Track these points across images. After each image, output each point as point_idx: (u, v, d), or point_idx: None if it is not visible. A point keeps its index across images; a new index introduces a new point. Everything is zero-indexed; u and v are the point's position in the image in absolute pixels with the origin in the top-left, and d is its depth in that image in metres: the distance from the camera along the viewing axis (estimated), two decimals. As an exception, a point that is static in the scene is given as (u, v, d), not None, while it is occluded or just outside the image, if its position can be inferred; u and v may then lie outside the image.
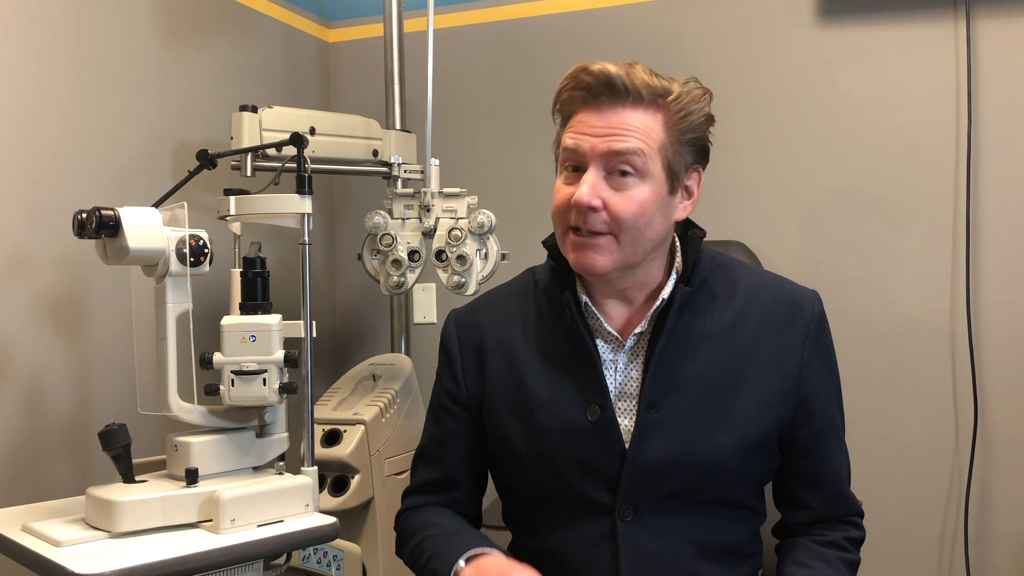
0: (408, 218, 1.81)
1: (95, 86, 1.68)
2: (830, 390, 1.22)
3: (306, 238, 1.27)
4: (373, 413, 1.75)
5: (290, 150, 1.31)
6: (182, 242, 1.20)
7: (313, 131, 1.79)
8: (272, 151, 1.65)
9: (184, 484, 1.18)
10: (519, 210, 2.15)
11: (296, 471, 1.26)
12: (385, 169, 1.95)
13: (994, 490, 1.90)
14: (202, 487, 1.17)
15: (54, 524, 1.16)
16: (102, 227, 1.15)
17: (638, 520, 1.13)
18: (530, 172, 2.19)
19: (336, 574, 1.69)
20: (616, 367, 1.18)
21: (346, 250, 2.42)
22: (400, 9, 2.05)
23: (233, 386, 1.22)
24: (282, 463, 1.29)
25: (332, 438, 1.73)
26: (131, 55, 1.76)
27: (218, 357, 1.23)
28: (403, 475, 1.79)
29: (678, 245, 1.22)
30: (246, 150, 1.68)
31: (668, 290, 1.17)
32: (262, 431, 1.28)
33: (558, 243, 1.19)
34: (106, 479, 1.22)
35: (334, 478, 1.73)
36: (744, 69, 2.07)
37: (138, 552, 1.06)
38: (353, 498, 1.71)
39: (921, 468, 1.94)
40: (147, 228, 1.18)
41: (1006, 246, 1.89)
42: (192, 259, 1.21)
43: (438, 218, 1.78)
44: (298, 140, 1.30)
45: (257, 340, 1.22)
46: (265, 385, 1.22)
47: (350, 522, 1.74)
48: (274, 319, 1.24)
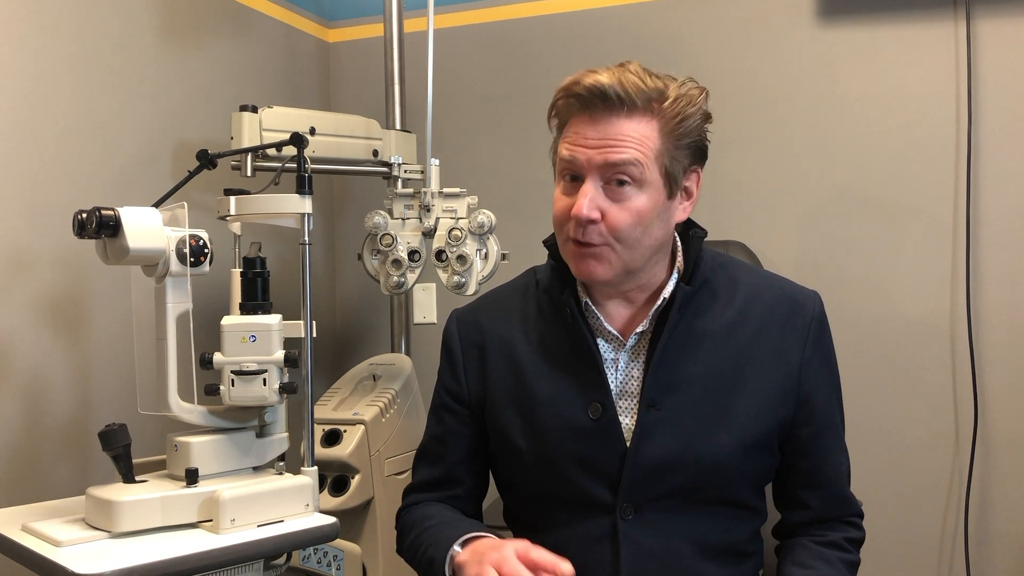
0: (408, 218, 1.81)
1: (95, 86, 1.68)
2: (830, 390, 1.22)
3: (306, 238, 1.27)
4: (373, 413, 1.75)
5: (290, 150, 1.30)
6: (182, 242, 1.20)
7: (313, 131, 1.79)
8: (272, 151, 1.65)
9: (184, 484, 1.18)
10: (519, 210, 2.15)
11: (296, 471, 1.26)
12: (385, 169, 1.95)
13: (994, 490, 1.90)
14: (202, 487, 1.17)
15: (54, 524, 1.16)
16: (102, 227, 1.15)
17: (639, 519, 1.13)
18: (530, 172, 2.19)
19: (336, 574, 1.69)
20: (617, 366, 1.18)
21: (346, 250, 2.42)
22: (400, 9, 2.05)
23: (233, 386, 1.22)
24: (282, 463, 1.29)
25: (332, 438, 1.73)
26: (131, 55, 1.76)
27: (218, 357, 1.23)
28: (403, 475, 1.79)
29: (679, 245, 1.22)
30: (246, 150, 1.68)
31: (669, 289, 1.17)
32: (262, 431, 1.28)
33: (560, 250, 1.19)
34: (106, 479, 1.22)
35: (334, 478, 1.73)
36: (744, 69, 2.07)
37: (138, 552, 1.06)
38: (353, 498, 1.71)
39: (921, 468, 1.95)
40: (147, 228, 1.18)
41: (1006, 246, 1.89)
42: (192, 259, 1.21)
43: (438, 218, 1.78)
44: (298, 140, 1.30)
45: (257, 340, 1.22)
46: (265, 385, 1.22)
47: (350, 522, 1.74)
48: (274, 319, 1.24)
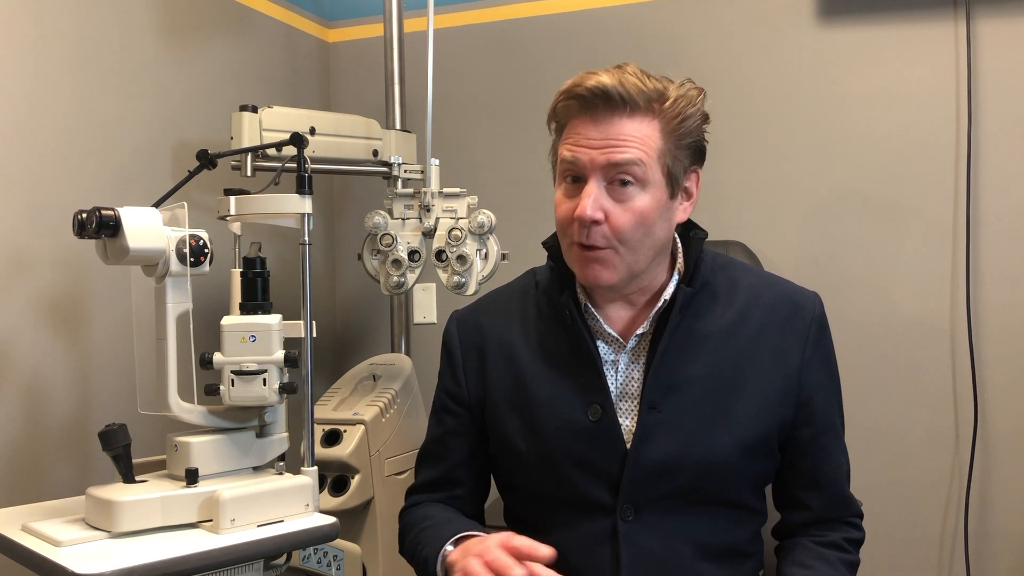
0: (408, 218, 1.81)
1: (95, 86, 1.68)
2: (830, 391, 1.21)
3: (306, 238, 1.27)
4: (373, 413, 1.75)
5: (290, 150, 1.30)
6: (182, 242, 1.20)
7: (313, 131, 1.79)
8: (272, 151, 1.65)
9: (184, 484, 1.18)
10: (519, 210, 2.15)
11: (296, 471, 1.26)
12: (385, 169, 1.95)
13: (994, 489, 1.90)
14: (202, 487, 1.17)
15: (54, 524, 1.16)
16: (102, 227, 1.15)
17: (639, 520, 1.13)
18: (530, 172, 2.19)
19: (336, 574, 1.69)
20: (617, 368, 1.18)
21: (346, 250, 2.42)
22: (400, 9, 2.05)
23: (233, 386, 1.22)
24: (282, 463, 1.29)
25: (332, 438, 1.73)
26: (131, 55, 1.76)
27: (218, 357, 1.23)
28: (403, 475, 1.79)
29: (679, 246, 1.22)
30: (246, 150, 1.68)
31: (670, 291, 1.17)
32: (262, 431, 1.28)
33: (563, 255, 1.19)
34: (106, 479, 1.22)
35: (334, 478, 1.73)
36: (744, 69, 2.07)
37: (138, 552, 1.06)
38: (353, 498, 1.71)
39: (921, 467, 1.95)
40: (147, 228, 1.18)
41: (1006, 246, 1.89)
42: (192, 259, 1.20)
43: (438, 218, 1.78)
44: (298, 140, 1.30)
45: (257, 340, 1.22)
46: (265, 385, 1.22)
47: (350, 522, 1.74)
48: (274, 319, 1.24)
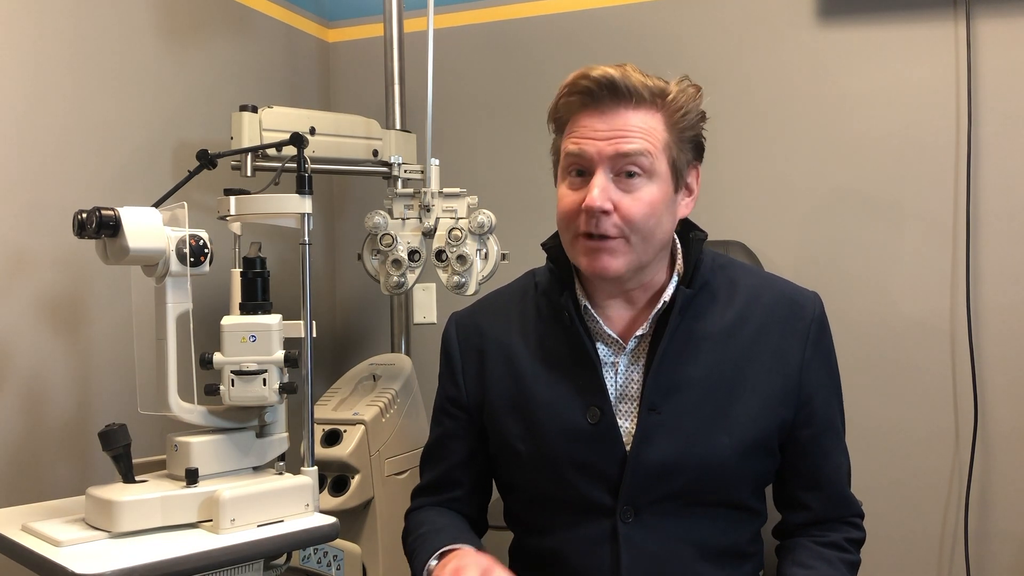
0: (408, 218, 1.81)
1: (95, 86, 1.68)
2: (831, 391, 1.21)
3: (306, 238, 1.27)
4: (373, 413, 1.75)
5: (290, 150, 1.31)
6: (182, 242, 1.20)
7: (313, 131, 1.79)
8: (272, 151, 1.65)
9: (184, 484, 1.18)
10: (519, 210, 2.15)
11: (296, 471, 1.26)
12: (385, 169, 1.95)
13: (994, 489, 1.90)
14: (202, 487, 1.17)
15: (54, 524, 1.16)
16: (102, 227, 1.15)
17: (639, 521, 1.13)
18: (530, 172, 2.19)
19: (336, 574, 1.69)
20: (617, 369, 1.18)
21: (346, 250, 2.42)
22: (400, 9, 2.05)
23: (233, 386, 1.22)
24: (282, 463, 1.29)
25: (332, 438, 1.73)
26: (131, 55, 1.76)
27: (218, 357, 1.23)
28: (403, 475, 1.79)
29: (679, 247, 1.22)
30: (246, 150, 1.68)
31: (670, 292, 1.17)
32: (262, 431, 1.28)
33: (566, 249, 1.18)
34: (106, 479, 1.22)
35: (334, 478, 1.73)
36: (744, 69, 2.07)
37: (138, 552, 1.06)
38: (353, 498, 1.71)
39: (921, 467, 1.94)
40: (147, 228, 1.18)
41: (1006, 246, 1.89)
42: (192, 259, 1.21)
43: (438, 218, 1.78)
44: (298, 140, 1.30)
45: (257, 340, 1.22)
46: (265, 385, 1.22)
47: (350, 522, 1.74)
48: (274, 319, 1.24)
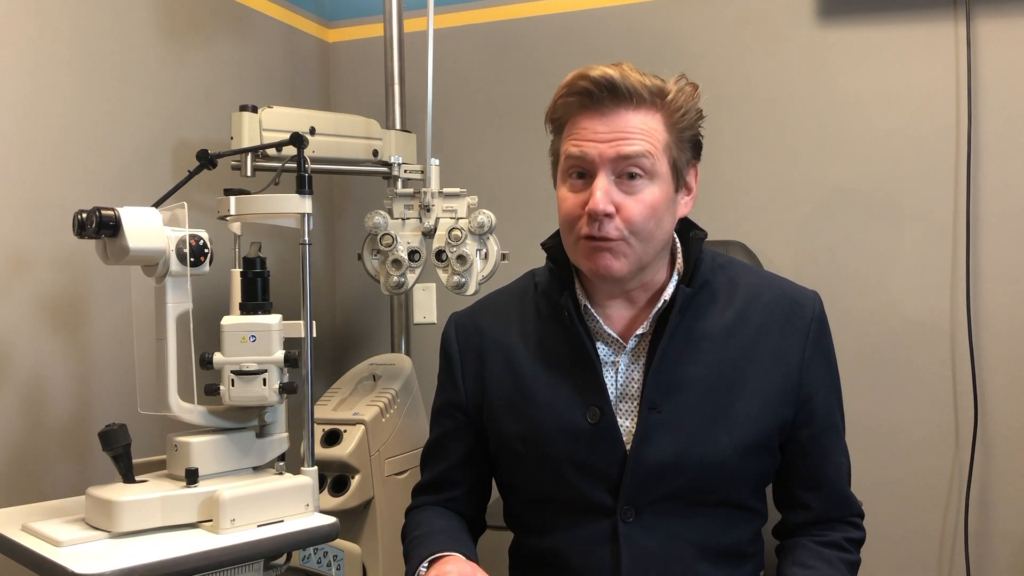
0: (408, 218, 1.81)
1: (95, 86, 1.68)
2: (830, 390, 1.21)
3: (306, 238, 1.27)
4: (373, 413, 1.75)
5: (290, 150, 1.31)
6: (182, 242, 1.20)
7: (313, 131, 1.79)
8: (272, 151, 1.65)
9: (184, 484, 1.18)
10: (519, 210, 2.15)
11: (296, 471, 1.26)
12: (385, 169, 1.95)
13: (994, 489, 1.90)
14: (202, 487, 1.17)
15: (54, 524, 1.16)
16: (102, 227, 1.15)
17: (639, 521, 1.13)
18: (530, 172, 2.19)
19: (336, 574, 1.69)
20: (617, 369, 1.18)
21: (346, 250, 2.42)
22: (400, 9, 2.05)
23: (233, 386, 1.22)
24: (282, 463, 1.29)
25: (332, 438, 1.73)
26: (131, 55, 1.76)
27: (218, 357, 1.23)
28: (403, 475, 1.79)
29: (679, 246, 1.22)
30: (246, 150, 1.68)
31: (670, 291, 1.17)
32: (262, 431, 1.28)
33: (568, 252, 1.18)
34: (106, 479, 1.22)
35: (334, 478, 1.73)
36: (744, 69, 2.07)
37: (138, 552, 1.06)
38: (353, 498, 1.71)
39: (921, 467, 1.94)
40: (147, 228, 1.18)
41: (1006, 246, 1.89)
42: (192, 259, 1.21)
43: (438, 218, 1.78)
44: (298, 140, 1.30)
45: (257, 340, 1.22)
46: (265, 385, 1.22)
47: (350, 522, 1.74)
48: (274, 319, 1.24)
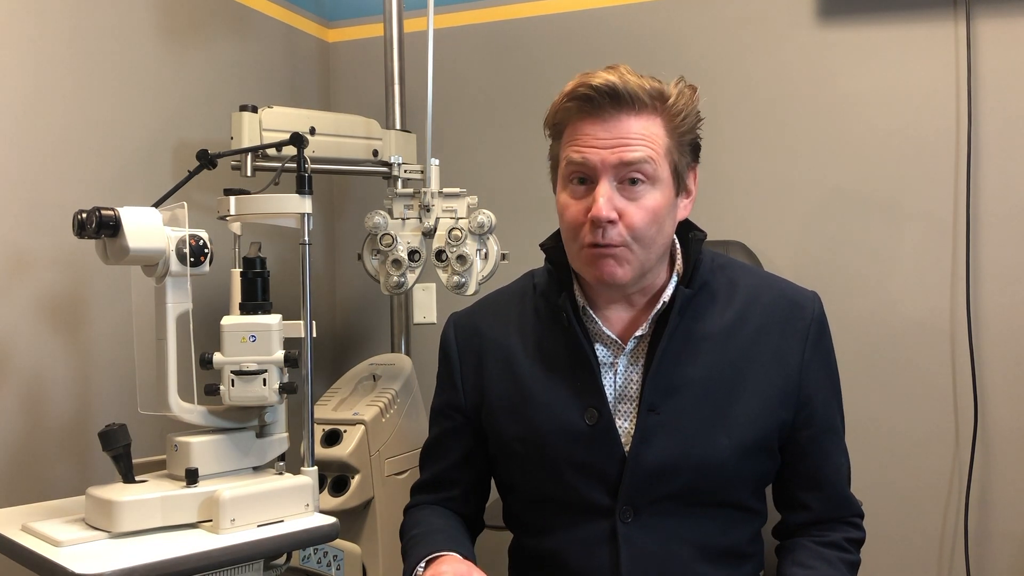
0: (408, 218, 1.81)
1: (95, 86, 1.68)
2: (830, 391, 1.21)
3: (306, 238, 1.27)
4: (373, 413, 1.75)
5: (290, 150, 1.31)
6: (182, 242, 1.20)
7: (313, 131, 1.79)
8: (272, 151, 1.65)
9: (184, 484, 1.18)
10: (519, 210, 2.15)
11: (296, 471, 1.26)
12: (385, 169, 1.95)
13: (994, 489, 1.90)
14: (202, 487, 1.17)
15: (54, 524, 1.16)
16: (102, 227, 1.15)
17: (638, 522, 1.13)
18: (530, 172, 2.19)
19: (336, 574, 1.69)
20: (616, 370, 1.18)
21: (346, 250, 2.42)
22: (400, 9, 2.05)
23: (233, 386, 1.22)
24: (282, 463, 1.29)
25: (332, 438, 1.73)
26: (131, 54, 1.76)
27: (218, 357, 1.23)
28: (403, 475, 1.79)
29: (678, 247, 1.22)
30: (246, 150, 1.68)
31: (669, 292, 1.17)
32: (262, 431, 1.28)
33: (571, 259, 1.18)
34: (106, 479, 1.22)
35: (334, 478, 1.73)
36: (744, 69, 2.07)
37: (138, 552, 1.06)
38: (353, 498, 1.71)
39: (921, 467, 1.94)
40: (147, 228, 1.18)
41: (1006, 246, 1.89)
42: (192, 259, 1.21)
43: (438, 218, 1.78)
44: (298, 140, 1.30)
45: (257, 340, 1.22)
46: (265, 385, 1.22)
47: (350, 522, 1.74)
48: (274, 319, 1.24)
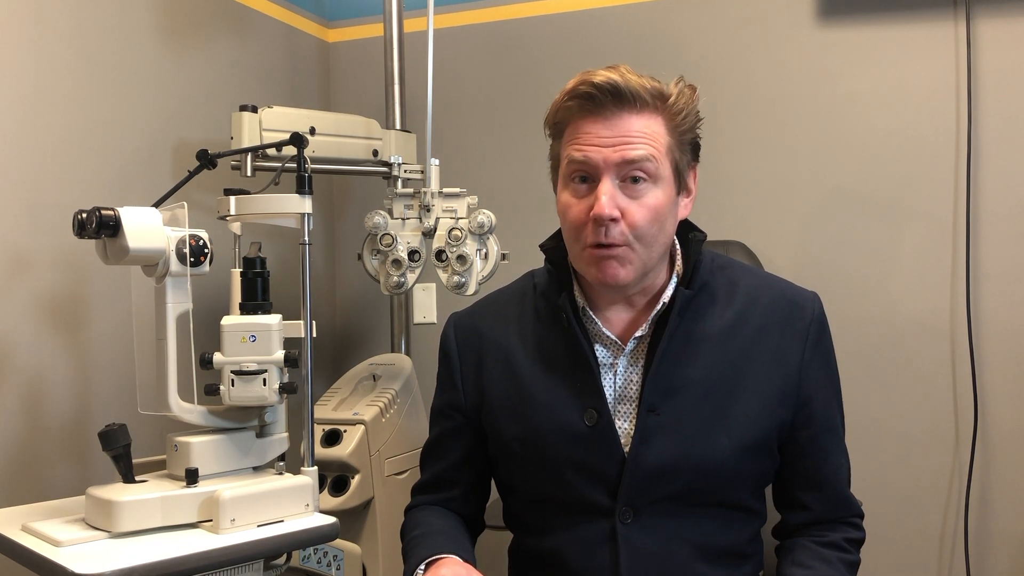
0: (408, 218, 1.81)
1: (95, 86, 1.68)
2: (830, 392, 1.21)
3: (306, 238, 1.27)
4: (373, 413, 1.75)
5: (290, 150, 1.31)
6: (182, 242, 1.20)
7: (313, 131, 1.79)
8: (272, 151, 1.65)
9: (184, 484, 1.18)
10: (519, 210, 2.15)
11: (296, 471, 1.26)
12: (385, 169, 1.95)
13: (994, 489, 1.90)
14: (202, 487, 1.17)
15: (54, 524, 1.16)
16: (102, 227, 1.15)
17: (638, 522, 1.13)
18: (530, 172, 2.19)
19: (336, 574, 1.69)
20: (616, 371, 1.18)
21: (346, 250, 2.42)
22: (400, 9, 2.05)
23: (233, 386, 1.22)
24: (282, 463, 1.29)
25: (332, 438, 1.73)
26: (131, 54, 1.76)
27: (218, 357, 1.23)
28: (403, 475, 1.79)
29: (678, 248, 1.22)
30: (246, 150, 1.68)
31: (669, 293, 1.17)
32: (262, 431, 1.28)
33: (573, 260, 1.18)
34: (106, 479, 1.22)
35: (334, 478, 1.73)
36: (744, 69, 2.07)
37: (138, 552, 1.06)
38: (353, 498, 1.71)
39: (921, 467, 1.94)
40: (147, 228, 1.18)
41: (1006, 246, 1.89)
42: (192, 259, 1.21)
43: (438, 218, 1.78)
44: (298, 140, 1.30)
45: (257, 340, 1.22)
46: (265, 385, 1.22)
47: (350, 522, 1.74)
48: (274, 319, 1.24)
